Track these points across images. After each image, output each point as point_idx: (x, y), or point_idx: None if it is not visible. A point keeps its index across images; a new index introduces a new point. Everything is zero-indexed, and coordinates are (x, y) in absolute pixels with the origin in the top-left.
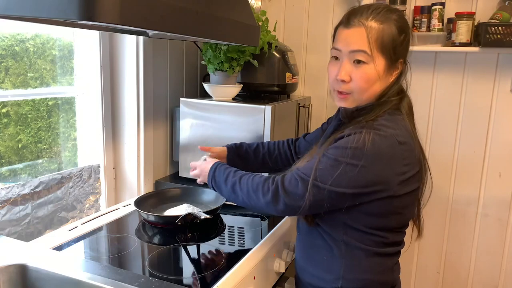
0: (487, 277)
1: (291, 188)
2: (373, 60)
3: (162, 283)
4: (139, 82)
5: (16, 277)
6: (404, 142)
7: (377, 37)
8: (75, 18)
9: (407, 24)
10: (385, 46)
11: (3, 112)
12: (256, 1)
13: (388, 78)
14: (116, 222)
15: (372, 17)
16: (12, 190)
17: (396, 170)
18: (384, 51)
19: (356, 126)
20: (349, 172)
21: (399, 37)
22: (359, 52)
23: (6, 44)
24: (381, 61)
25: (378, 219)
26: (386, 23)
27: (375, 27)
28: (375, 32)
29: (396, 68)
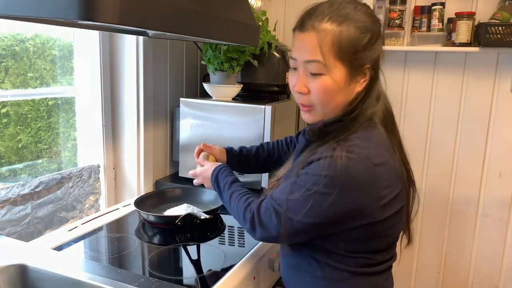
0: (487, 277)
1: (266, 220)
2: (330, 70)
3: (162, 283)
4: (139, 82)
5: (16, 277)
6: (381, 163)
7: (333, 42)
8: (75, 18)
9: (374, 22)
10: (344, 52)
11: (3, 112)
12: (256, 1)
13: (352, 87)
14: (116, 222)
15: (328, 18)
16: (12, 190)
17: (375, 196)
18: (342, 58)
19: (327, 147)
20: (323, 203)
21: (361, 40)
22: (312, 62)
23: (6, 44)
24: (340, 70)
25: (360, 243)
26: (345, 23)
27: (330, 30)
28: (330, 37)
29: (362, 75)
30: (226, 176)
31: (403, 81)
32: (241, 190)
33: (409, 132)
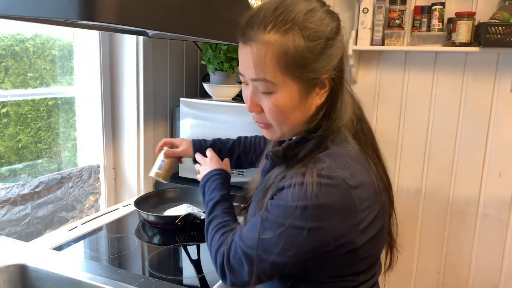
0: (488, 277)
1: (236, 265)
2: (279, 87)
3: (162, 283)
4: (139, 82)
5: (16, 277)
6: (358, 185)
7: (278, 57)
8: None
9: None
10: (292, 67)
11: (3, 112)
12: (256, 1)
13: (310, 102)
14: (116, 222)
15: (271, 26)
16: (12, 190)
17: (353, 221)
18: (292, 74)
19: (296, 171)
20: (298, 237)
21: (311, 50)
22: (259, 81)
23: (6, 44)
24: (291, 86)
25: (342, 269)
26: (290, 33)
27: (273, 43)
28: (274, 51)
29: (321, 86)
30: (213, 191)
31: (403, 81)
32: (221, 218)
33: (409, 132)
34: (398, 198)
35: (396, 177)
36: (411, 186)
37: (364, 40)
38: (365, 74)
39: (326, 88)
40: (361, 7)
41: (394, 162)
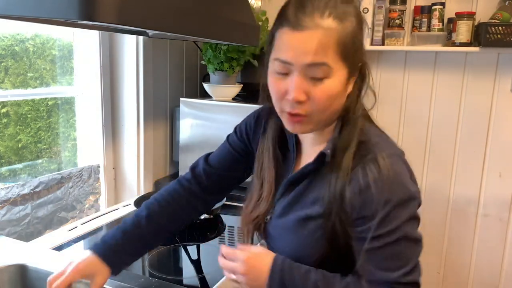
0: (487, 277)
1: None
2: (334, 72)
3: (162, 283)
4: (139, 82)
5: (16, 277)
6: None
7: (338, 41)
8: (75, 18)
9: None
10: (348, 51)
11: (3, 112)
12: (256, 1)
13: (347, 89)
14: (116, 222)
15: (329, 12)
16: (12, 190)
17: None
18: (346, 58)
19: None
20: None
21: (360, 35)
22: (319, 66)
23: (6, 44)
24: (343, 72)
25: None
26: (347, 19)
27: (335, 27)
28: (336, 35)
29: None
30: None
31: (403, 81)
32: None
33: (409, 132)
34: None
35: None
36: None
37: None
38: None
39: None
40: (361, 7)
41: None
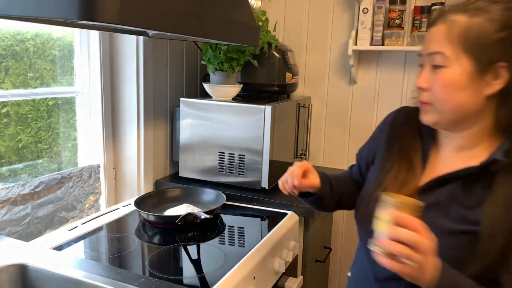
0: None
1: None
2: (454, 62)
3: (162, 283)
4: (139, 82)
5: (16, 277)
6: None
7: (461, 32)
8: (75, 18)
9: None
10: (471, 43)
11: (3, 112)
12: (256, 1)
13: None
14: (116, 222)
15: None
16: (12, 190)
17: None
18: (469, 50)
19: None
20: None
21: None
22: (436, 54)
23: (6, 44)
24: (465, 63)
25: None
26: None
27: (460, 20)
28: (458, 27)
29: (495, 75)
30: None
31: (403, 81)
32: None
33: None
34: None
35: None
36: None
37: (364, 40)
38: (365, 74)
39: (503, 79)
40: (361, 7)
41: None
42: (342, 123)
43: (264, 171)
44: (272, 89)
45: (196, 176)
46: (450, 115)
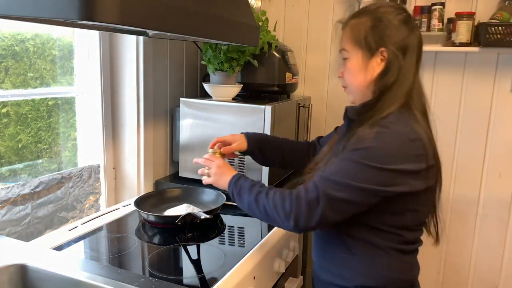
0: (487, 277)
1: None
2: (352, 54)
3: (162, 283)
4: (139, 82)
5: (16, 277)
6: (415, 139)
7: (352, 32)
8: (75, 18)
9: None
10: (358, 38)
11: (3, 112)
12: (256, 1)
13: (371, 68)
14: (116, 222)
15: (354, 15)
16: (12, 190)
17: (409, 168)
18: (358, 43)
19: (366, 124)
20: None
21: (372, 26)
22: (342, 50)
23: (6, 44)
24: (358, 53)
25: (395, 217)
26: (362, 16)
27: (351, 23)
28: (351, 27)
29: (380, 57)
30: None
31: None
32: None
33: None
34: None
35: None
36: None
37: None
38: None
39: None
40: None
41: None
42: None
43: (264, 171)
44: (272, 89)
45: (196, 176)
46: (357, 91)
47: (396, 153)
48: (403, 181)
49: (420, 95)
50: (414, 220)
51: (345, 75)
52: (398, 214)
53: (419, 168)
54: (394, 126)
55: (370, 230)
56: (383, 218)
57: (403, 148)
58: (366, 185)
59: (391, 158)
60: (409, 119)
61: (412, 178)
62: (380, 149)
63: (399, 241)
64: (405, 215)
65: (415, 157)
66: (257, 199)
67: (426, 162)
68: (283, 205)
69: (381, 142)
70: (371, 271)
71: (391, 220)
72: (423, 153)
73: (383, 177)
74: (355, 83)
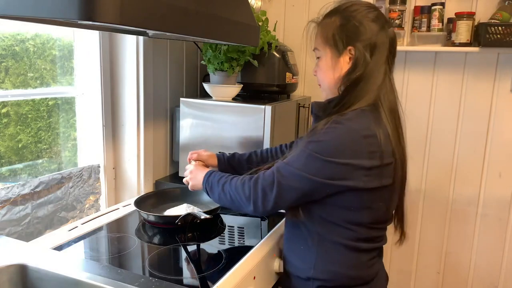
0: (487, 277)
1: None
2: (323, 53)
3: (162, 283)
4: (139, 82)
5: (16, 277)
6: (369, 135)
7: (322, 31)
8: (75, 18)
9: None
10: (328, 37)
11: (3, 112)
12: (256, 1)
13: (340, 65)
14: (116, 222)
15: (326, 15)
16: (12, 190)
17: (361, 163)
18: (327, 42)
19: (326, 119)
20: (317, 163)
21: (340, 25)
22: (315, 49)
23: (6, 44)
24: (328, 52)
25: (349, 212)
26: (332, 16)
27: (322, 23)
28: (321, 28)
29: (348, 55)
30: (215, 176)
31: (403, 81)
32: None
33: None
34: None
35: None
36: (411, 186)
37: None
38: None
39: (352, 57)
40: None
41: None
42: None
43: None
44: (272, 89)
45: None
46: (328, 89)
47: (346, 148)
48: (354, 176)
49: (389, 92)
50: (369, 218)
51: (317, 73)
52: (352, 210)
53: (371, 165)
54: (349, 122)
55: (325, 224)
56: (338, 212)
57: (355, 144)
58: (315, 176)
59: (341, 153)
60: (369, 116)
61: (363, 174)
62: (331, 143)
63: (352, 238)
64: (359, 212)
65: (368, 154)
66: (223, 188)
67: (380, 159)
68: (243, 190)
69: (332, 136)
70: (322, 265)
71: (345, 215)
72: (377, 150)
73: (332, 170)
74: (326, 81)
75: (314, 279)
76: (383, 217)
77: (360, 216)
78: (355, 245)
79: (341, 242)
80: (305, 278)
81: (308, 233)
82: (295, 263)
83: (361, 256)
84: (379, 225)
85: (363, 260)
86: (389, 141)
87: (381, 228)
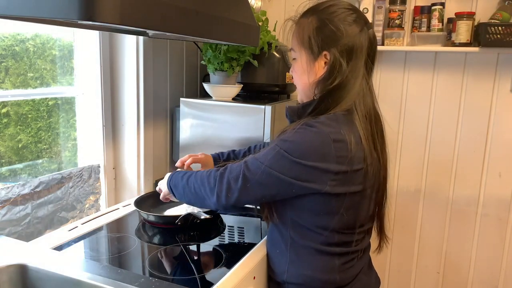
0: (487, 277)
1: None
2: (299, 55)
3: (162, 283)
4: (139, 82)
5: (16, 277)
6: (339, 140)
7: (298, 32)
8: (75, 18)
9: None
10: (304, 39)
11: (3, 112)
12: (256, 1)
13: (315, 70)
14: (116, 222)
15: (303, 14)
16: (12, 190)
17: (328, 167)
18: (304, 44)
19: (299, 122)
20: (284, 161)
21: (316, 28)
22: (291, 50)
23: (6, 44)
24: (303, 54)
25: (317, 217)
26: (309, 16)
27: (299, 22)
28: (298, 28)
29: (323, 60)
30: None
31: (403, 81)
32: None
33: (409, 132)
34: (398, 198)
35: (396, 177)
36: (411, 186)
37: None
38: None
39: (328, 62)
40: (361, 7)
41: (394, 162)
42: None
43: None
44: (272, 89)
45: None
46: (302, 91)
47: (314, 150)
48: (320, 179)
49: (366, 96)
50: (339, 223)
51: (293, 76)
52: (321, 214)
53: (338, 170)
54: (320, 125)
55: (297, 228)
56: (308, 216)
57: (324, 147)
58: (282, 174)
59: (308, 155)
60: (342, 121)
61: (330, 179)
62: (299, 144)
63: (323, 242)
64: (327, 216)
65: (336, 158)
66: (188, 181)
67: (349, 165)
68: (209, 181)
69: (302, 137)
70: (295, 269)
71: (315, 220)
72: (346, 156)
73: (298, 171)
74: (301, 84)
75: (288, 283)
76: (354, 223)
77: (329, 221)
78: (326, 249)
79: (313, 246)
80: (280, 282)
81: (282, 237)
82: (272, 266)
83: (333, 260)
84: (350, 231)
85: (336, 264)
86: (361, 147)
87: (353, 233)
